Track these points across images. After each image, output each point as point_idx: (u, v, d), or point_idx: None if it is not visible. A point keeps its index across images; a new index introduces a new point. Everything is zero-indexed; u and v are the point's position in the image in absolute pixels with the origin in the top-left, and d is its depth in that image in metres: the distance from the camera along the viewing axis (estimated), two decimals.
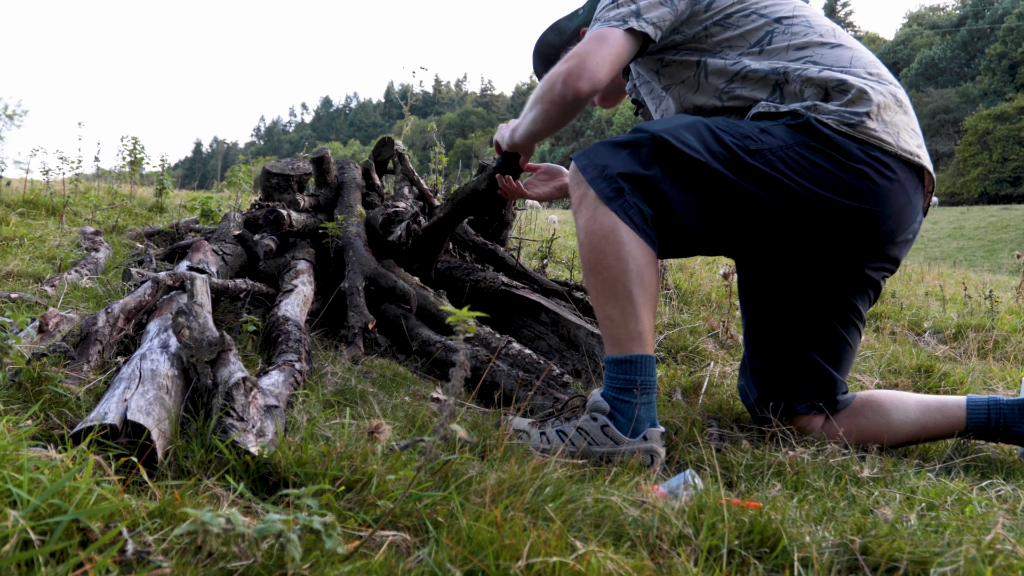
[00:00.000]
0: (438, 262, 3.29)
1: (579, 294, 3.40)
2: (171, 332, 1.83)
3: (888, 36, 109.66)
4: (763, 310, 2.21)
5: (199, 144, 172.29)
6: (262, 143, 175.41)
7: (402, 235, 2.79)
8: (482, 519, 1.14)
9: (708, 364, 2.99)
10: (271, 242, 3.13)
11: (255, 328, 2.37)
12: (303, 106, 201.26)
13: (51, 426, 1.44)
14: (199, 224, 4.76)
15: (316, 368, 2.23)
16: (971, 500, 1.58)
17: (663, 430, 1.85)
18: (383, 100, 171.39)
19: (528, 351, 2.58)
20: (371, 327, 2.68)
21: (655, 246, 1.89)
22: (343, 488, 1.25)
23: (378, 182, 3.86)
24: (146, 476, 1.23)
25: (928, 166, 2.00)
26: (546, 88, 2.06)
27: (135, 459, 1.26)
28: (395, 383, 2.33)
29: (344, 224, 3.19)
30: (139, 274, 2.83)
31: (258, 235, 3.19)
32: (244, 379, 1.54)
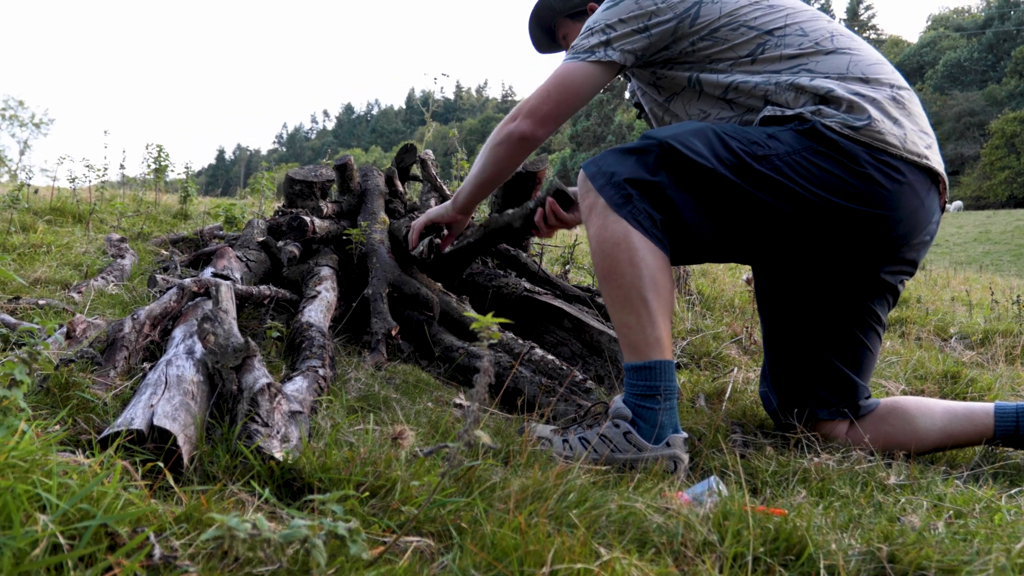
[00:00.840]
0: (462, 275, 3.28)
1: (601, 300, 3.40)
2: (196, 338, 1.85)
3: (911, 39, 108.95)
4: (780, 316, 2.20)
5: (222, 151, 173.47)
6: (284, 150, 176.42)
7: (424, 250, 2.79)
8: (506, 525, 1.14)
9: (731, 370, 2.98)
10: (294, 248, 3.15)
11: (279, 334, 2.38)
12: (325, 113, 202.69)
13: (79, 431, 1.45)
14: (223, 231, 4.79)
15: (339, 374, 2.24)
16: (1000, 508, 1.56)
17: (686, 436, 1.84)
18: (404, 107, 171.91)
19: (551, 357, 2.58)
20: (394, 333, 2.68)
21: (667, 251, 1.89)
22: (367, 494, 1.25)
23: (401, 189, 3.87)
24: (172, 481, 1.24)
25: (937, 167, 1.96)
26: (497, 131, 2.21)
27: (161, 464, 1.27)
28: (418, 389, 2.34)
29: (367, 231, 3.20)
30: (164, 280, 2.85)
31: (281, 241, 3.21)
32: (269, 385, 1.55)
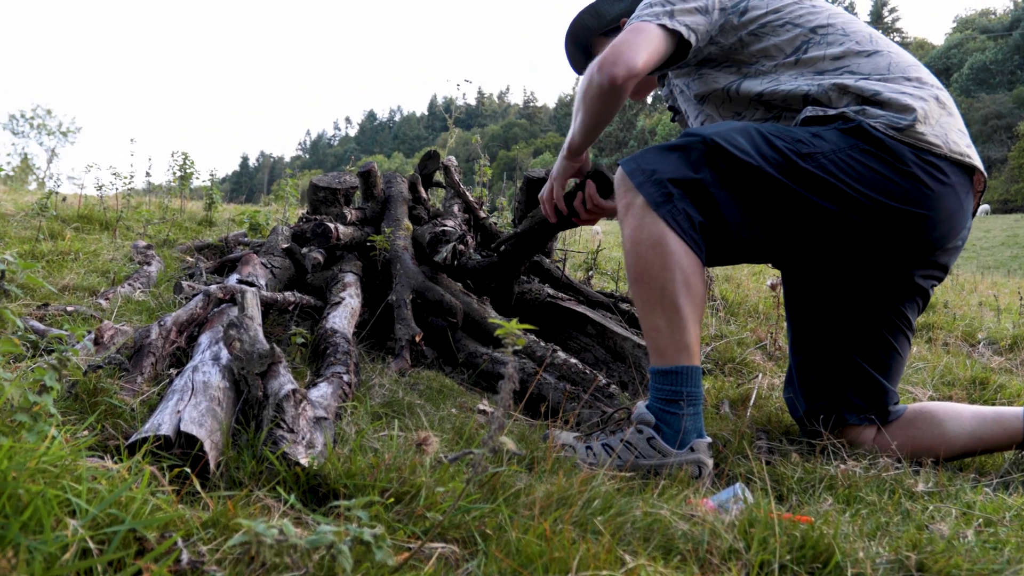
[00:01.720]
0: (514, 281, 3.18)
1: (625, 306, 3.39)
2: (222, 344, 1.86)
3: (937, 41, 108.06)
4: (810, 318, 2.18)
5: (246, 158, 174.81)
6: (307, 157, 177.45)
7: (447, 256, 2.78)
8: (531, 532, 1.14)
9: (756, 376, 2.96)
10: (319, 255, 3.16)
11: (303, 340, 2.40)
12: (347, 120, 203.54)
13: (107, 437, 1.47)
14: (247, 237, 4.82)
15: (364, 380, 2.25)
16: None
17: (710, 440, 1.83)
18: (426, 113, 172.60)
19: (575, 362, 2.57)
20: (418, 339, 2.69)
21: (702, 254, 1.87)
22: (392, 500, 1.25)
23: (424, 195, 3.88)
24: (199, 487, 1.25)
25: (979, 165, 1.97)
26: (584, 84, 2.07)
27: (188, 470, 1.28)
28: (442, 395, 2.34)
29: (391, 237, 3.21)
30: (190, 287, 2.88)
31: (306, 248, 3.23)
32: (294, 391, 1.56)
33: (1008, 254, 28.01)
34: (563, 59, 2.76)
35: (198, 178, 7.22)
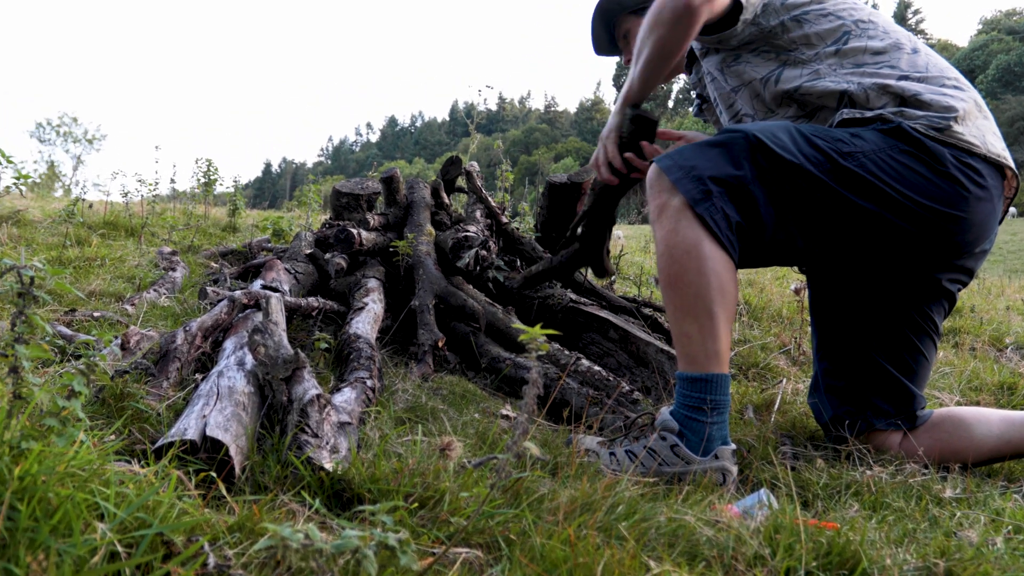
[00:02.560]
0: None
1: (648, 310, 3.38)
2: (247, 350, 1.87)
3: (961, 43, 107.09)
4: (837, 322, 2.17)
5: (268, 164, 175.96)
6: (329, 162, 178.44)
7: (470, 262, 2.77)
8: (555, 537, 1.14)
9: (780, 381, 2.94)
10: (342, 260, 3.18)
11: (327, 345, 2.41)
12: (368, 125, 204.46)
13: (134, 441, 1.48)
14: (271, 243, 4.85)
15: (387, 385, 2.26)
16: None
17: (734, 447, 1.82)
18: (448, 118, 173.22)
19: (597, 368, 2.57)
20: (440, 344, 2.69)
21: (736, 256, 1.85)
22: (416, 505, 1.25)
23: (446, 201, 3.89)
24: (225, 491, 1.25)
25: (1014, 166, 1.98)
26: (655, 11, 1.96)
27: (214, 474, 1.29)
28: (465, 400, 2.35)
29: (414, 243, 3.22)
30: (215, 293, 2.90)
31: (329, 254, 3.25)
32: (318, 396, 1.56)
33: None
34: (584, 65, 2.74)
35: (222, 184, 7.28)
